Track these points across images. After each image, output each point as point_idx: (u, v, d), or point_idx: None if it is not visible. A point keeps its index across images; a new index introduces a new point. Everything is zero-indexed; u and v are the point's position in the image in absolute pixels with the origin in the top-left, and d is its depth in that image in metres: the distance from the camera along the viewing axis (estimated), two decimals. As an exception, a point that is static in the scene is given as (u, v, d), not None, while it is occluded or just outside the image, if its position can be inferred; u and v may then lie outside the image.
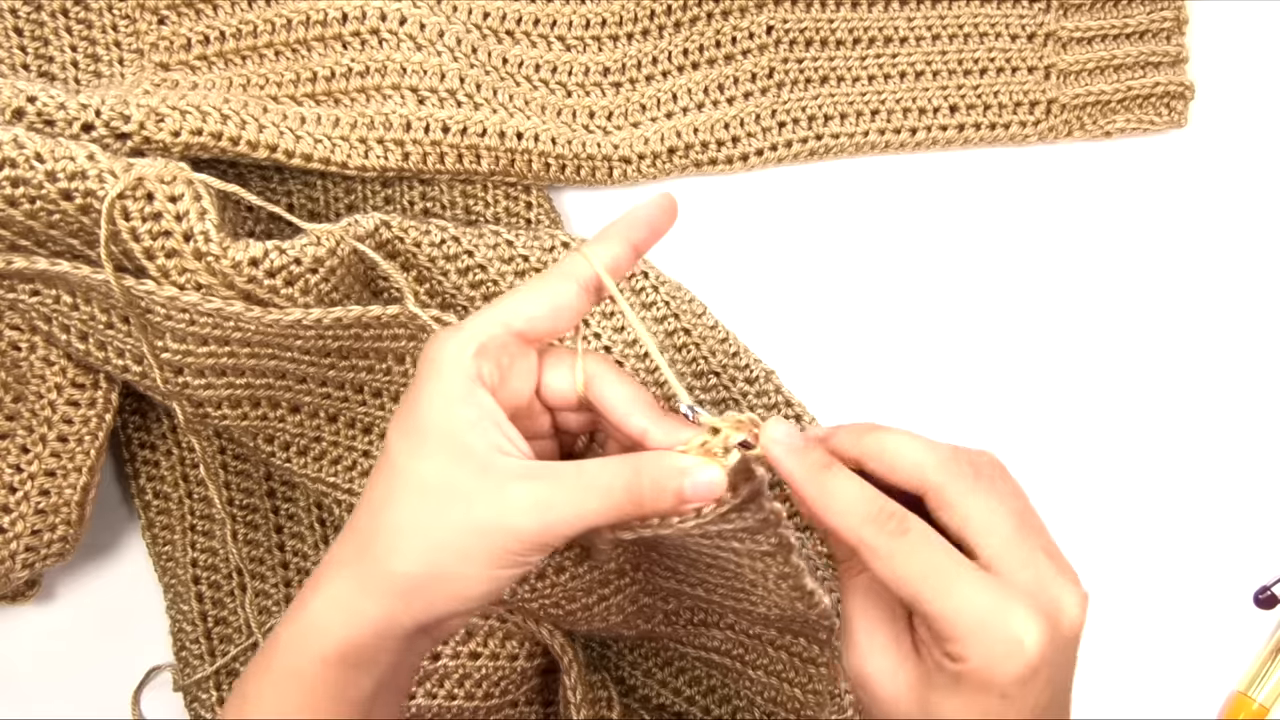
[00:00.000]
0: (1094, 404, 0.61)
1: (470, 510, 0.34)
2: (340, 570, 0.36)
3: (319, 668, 0.35)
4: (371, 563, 0.35)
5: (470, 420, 0.35)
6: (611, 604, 0.50)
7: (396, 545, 0.35)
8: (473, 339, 0.36)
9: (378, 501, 0.36)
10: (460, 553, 0.34)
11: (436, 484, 0.35)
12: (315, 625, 0.35)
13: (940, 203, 0.61)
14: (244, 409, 0.51)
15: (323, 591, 0.36)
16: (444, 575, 0.34)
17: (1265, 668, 0.60)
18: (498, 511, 0.34)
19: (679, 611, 0.54)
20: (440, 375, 0.36)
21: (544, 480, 0.34)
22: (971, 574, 0.33)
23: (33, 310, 0.50)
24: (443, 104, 0.54)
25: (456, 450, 0.35)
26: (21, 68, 0.55)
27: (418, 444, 0.35)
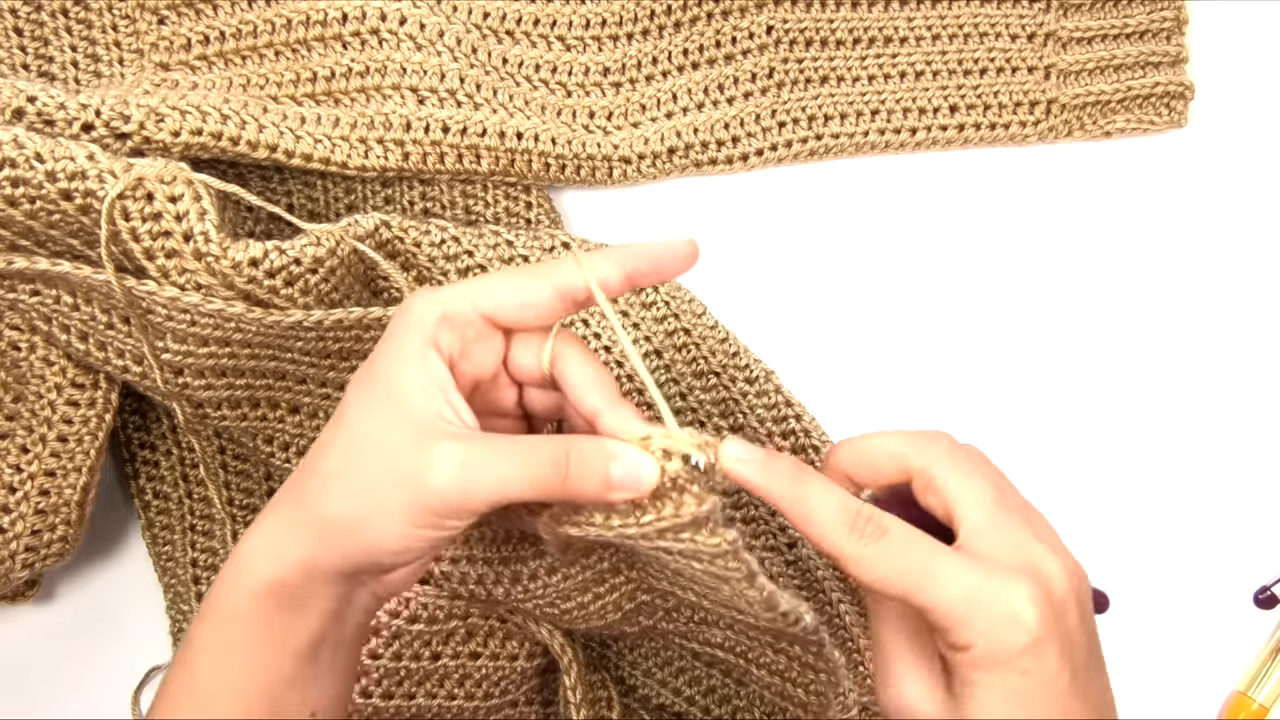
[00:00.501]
0: (1094, 404, 0.61)
1: (395, 463, 0.34)
2: (274, 510, 0.37)
3: (251, 604, 0.35)
4: (299, 503, 0.36)
5: (419, 383, 0.35)
6: (608, 602, 0.50)
7: (324, 488, 0.35)
8: (439, 306, 0.36)
9: (320, 446, 0.37)
10: (378, 502, 0.34)
11: (372, 436, 0.35)
12: (246, 562, 0.36)
13: (940, 203, 0.61)
14: (244, 410, 0.51)
15: (256, 531, 0.37)
16: (361, 521, 0.35)
17: (1265, 668, 0.60)
18: (418, 467, 0.34)
19: (679, 609, 0.54)
20: (401, 334, 0.36)
21: (469, 442, 0.35)
22: (954, 559, 0.34)
23: (33, 310, 0.50)
24: (443, 104, 0.54)
25: (399, 408, 0.35)
26: (21, 68, 0.55)
27: (365, 396, 0.36)
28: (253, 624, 0.36)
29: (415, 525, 0.34)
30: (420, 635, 0.50)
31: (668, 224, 0.60)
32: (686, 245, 0.39)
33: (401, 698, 0.50)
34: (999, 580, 0.33)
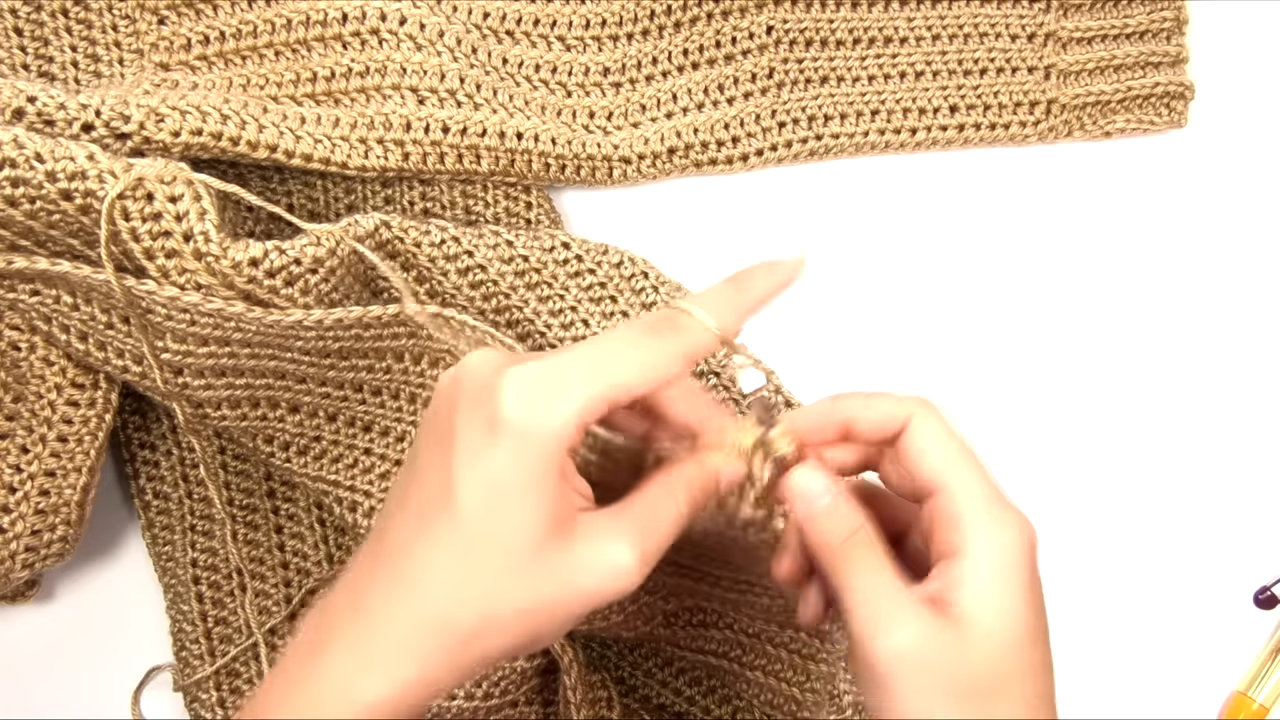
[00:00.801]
0: (1094, 404, 0.61)
1: (568, 580, 0.33)
2: (415, 649, 0.32)
3: None
4: (459, 644, 0.33)
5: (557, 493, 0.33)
6: (613, 602, 0.50)
7: (492, 627, 0.32)
8: (575, 411, 0.33)
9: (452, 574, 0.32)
10: (558, 619, 0.33)
11: (528, 563, 0.32)
12: (386, 707, 0.32)
13: (940, 203, 0.61)
14: (244, 409, 0.51)
15: (390, 671, 0.32)
16: (540, 638, 0.34)
17: (1265, 668, 0.60)
18: (595, 574, 0.33)
19: (679, 612, 0.54)
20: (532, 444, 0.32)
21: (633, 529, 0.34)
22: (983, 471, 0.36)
23: (33, 310, 0.50)
24: (443, 104, 0.54)
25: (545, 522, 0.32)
26: (21, 68, 0.55)
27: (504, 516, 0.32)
28: None
29: (586, 617, 0.35)
30: (420, 635, 0.50)
31: (668, 224, 0.60)
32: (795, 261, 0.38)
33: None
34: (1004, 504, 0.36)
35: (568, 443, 0.33)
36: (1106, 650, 0.60)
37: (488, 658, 0.33)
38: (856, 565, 0.36)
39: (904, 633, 0.34)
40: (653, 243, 0.59)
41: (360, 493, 0.54)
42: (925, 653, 0.34)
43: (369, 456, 0.54)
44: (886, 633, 0.34)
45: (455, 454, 0.33)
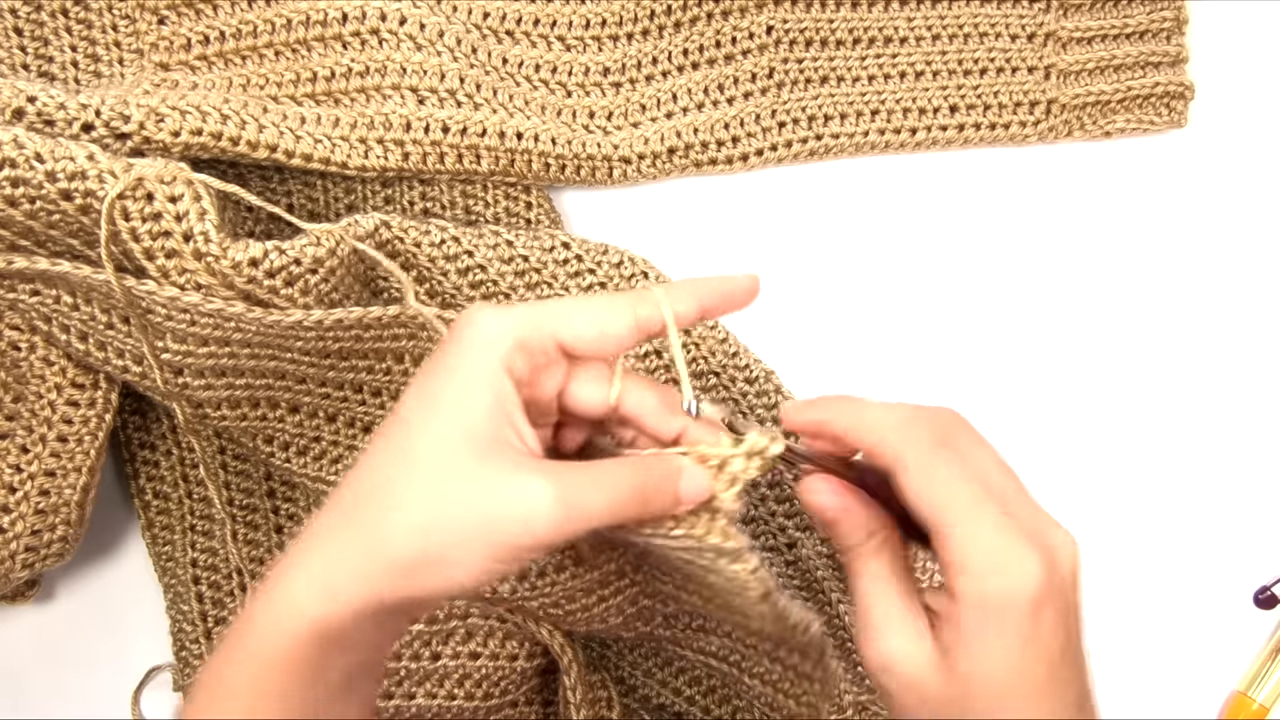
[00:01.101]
0: (1094, 404, 0.61)
1: (479, 496, 0.33)
2: (325, 543, 0.34)
3: (294, 646, 0.33)
4: (361, 538, 0.33)
5: (486, 405, 0.34)
6: (611, 605, 0.50)
7: (393, 522, 0.33)
8: (517, 328, 0.35)
9: (378, 468, 0.34)
10: (463, 540, 0.33)
11: (447, 463, 0.33)
12: (292, 602, 0.33)
13: (940, 203, 0.61)
14: (243, 410, 0.51)
15: (301, 566, 0.34)
16: (441, 560, 0.33)
17: (1265, 668, 0.60)
18: (508, 502, 0.33)
19: (678, 615, 0.54)
20: (470, 353, 0.34)
21: (557, 474, 0.34)
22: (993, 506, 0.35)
23: (33, 310, 0.50)
24: (443, 104, 0.54)
25: (470, 433, 0.33)
26: (21, 68, 0.55)
27: (429, 418, 0.34)
28: (294, 666, 0.33)
29: (497, 562, 0.33)
30: (420, 635, 0.50)
31: (668, 224, 0.60)
32: (751, 281, 0.39)
33: (401, 698, 0.50)
34: (1020, 538, 0.34)
35: (503, 356, 0.34)
36: (1106, 650, 0.60)
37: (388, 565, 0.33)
38: (860, 569, 0.37)
39: (891, 643, 0.35)
40: (653, 243, 0.59)
41: None
42: (907, 668, 0.35)
43: (369, 456, 0.54)
44: (876, 639, 0.36)
45: (417, 374, 0.36)
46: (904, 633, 0.35)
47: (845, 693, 0.57)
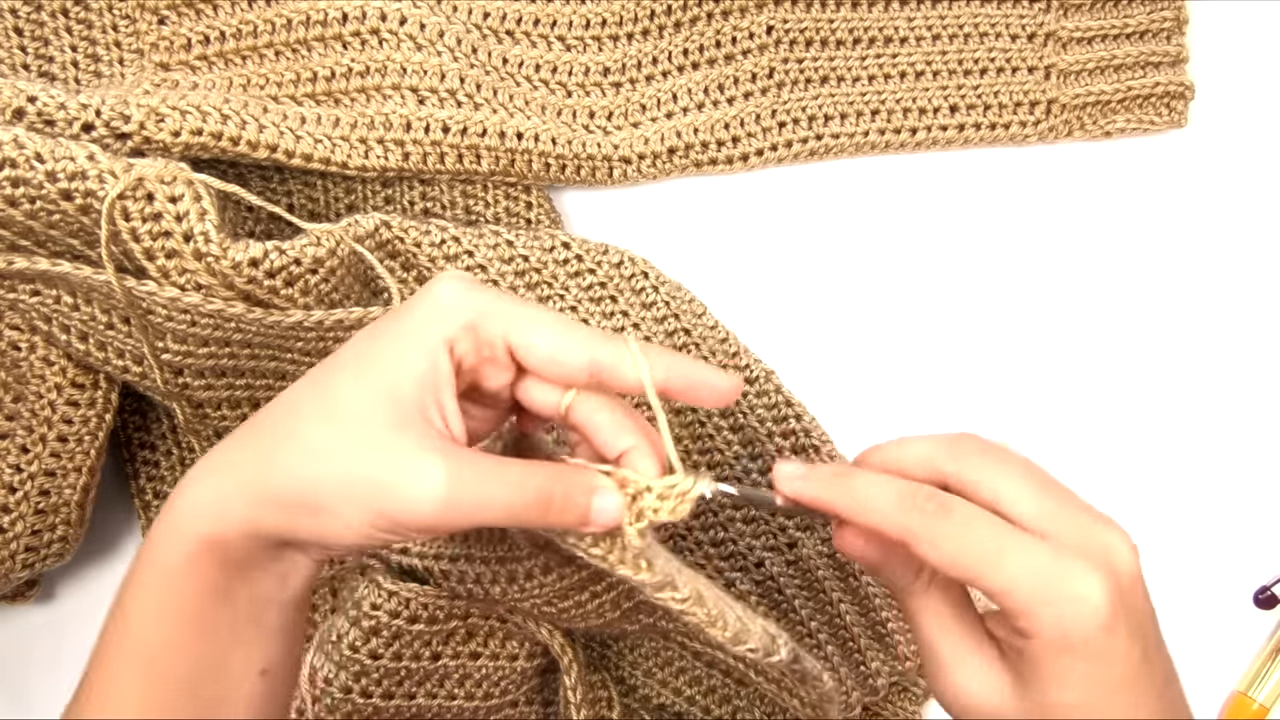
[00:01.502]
0: (1094, 404, 0.61)
1: (375, 459, 0.32)
2: (220, 462, 0.34)
3: (188, 563, 0.34)
4: (252, 461, 0.34)
5: (417, 372, 0.33)
6: (605, 600, 0.50)
7: (287, 456, 0.33)
8: (471, 310, 0.34)
9: (291, 403, 0.34)
10: (342, 495, 0.32)
11: (360, 418, 0.33)
12: (182, 518, 0.34)
13: (940, 203, 0.61)
14: (243, 410, 0.51)
15: (195, 482, 0.34)
16: (318, 508, 0.33)
17: (1265, 668, 0.60)
18: (400, 474, 0.32)
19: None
20: (419, 318, 0.34)
21: (459, 462, 0.32)
22: (1023, 541, 0.33)
23: (33, 310, 0.50)
24: (443, 104, 0.54)
25: (393, 394, 0.33)
26: (21, 68, 0.55)
27: (359, 367, 0.34)
28: (192, 582, 0.34)
29: (377, 529, 0.33)
30: (420, 635, 0.50)
31: (668, 224, 0.60)
32: (730, 382, 0.36)
33: (401, 698, 0.50)
34: (1068, 561, 0.32)
35: (449, 330, 0.33)
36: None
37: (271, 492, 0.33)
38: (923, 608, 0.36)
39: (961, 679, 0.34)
40: (653, 243, 0.59)
41: None
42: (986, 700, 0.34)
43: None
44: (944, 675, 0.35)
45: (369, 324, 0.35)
46: (974, 667, 0.34)
47: (851, 690, 0.57)
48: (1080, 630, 0.32)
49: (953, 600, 0.36)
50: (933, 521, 0.33)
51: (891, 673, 0.57)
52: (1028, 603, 0.32)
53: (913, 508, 0.34)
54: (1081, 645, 0.32)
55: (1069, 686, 0.32)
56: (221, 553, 0.34)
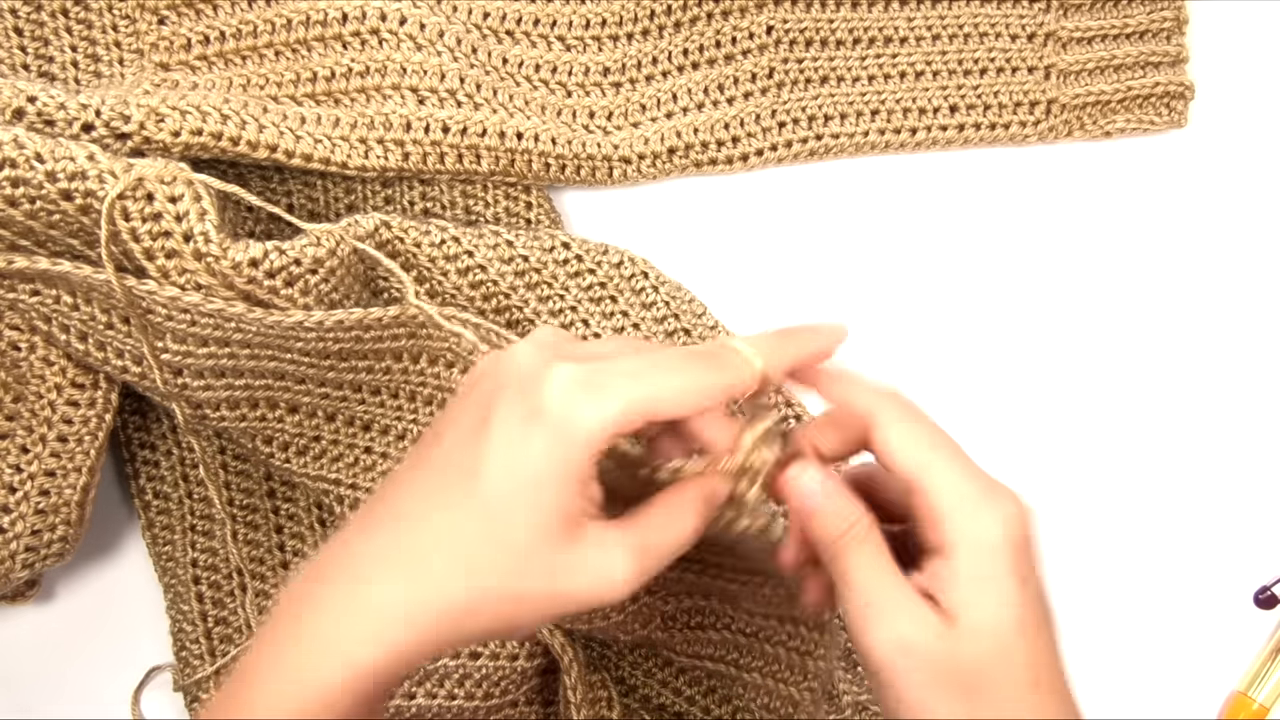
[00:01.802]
0: (1094, 404, 0.61)
1: (566, 579, 0.33)
2: (407, 618, 0.33)
3: (358, 702, 0.32)
4: (449, 618, 0.33)
5: (574, 491, 0.33)
6: (598, 609, 0.50)
7: (482, 608, 0.33)
8: (614, 421, 0.33)
9: (460, 544, 0.33)
10: (544, 614, 0.34)
11: (535, 553, 0.33)
12: (373, 673, 0.32)
13: (940, 203, 0.61)
14: (243, 410, 0.51)
15: (380, 636, 0.32)
16: (519, 629, 0.34)
17: (1265, 668, 0.60)
18: (591, 579, 0.34)
19: (676, 615, 0.54)
20: (568, 440, 0.33)
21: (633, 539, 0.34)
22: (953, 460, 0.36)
23: (33, 310, 0.50)
24: (443, 104, 0.54)
25: (561, 518, 0.33)
26: (21, 68, 0.55)
27: (524, 501, 0.33)
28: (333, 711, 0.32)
29: (562, 619, 0.35)
30: (420, 635, 0.50)
31: (668, 224, 0.60)
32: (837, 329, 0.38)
33: (402, 698, 0.50)
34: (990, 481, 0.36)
35: (600, 446, 0.33)
36: (1107, 650, 0.60)
37: (467, 637, 0.33)
38: (852, 558, 0.37)
39: (896, 624, 0.35)
40: (653, 243, 0.59)
41: (361, 490, 0.54)
42: (916, 644, 0.34)
43: (369, 455, 0.54)
44: (879, 624, 0.35)
45: (490, 435, 0.33)
46: (911, 610, 0.35)
47: (844, 693, 0.57)
48: (1002, 537, 0.34)
49: (883, 553, 0.37)
50: (898, 410, 0.36)
51: (858, 693, 0.57)
52: (964, 506, 0.35)
53: (886, 394, 0.37)
54: (1001, 554, 0.34)
55: (992, 603, 0.34)
56: (392, 685, 0.33)
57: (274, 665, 0.33)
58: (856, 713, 0.58)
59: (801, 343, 0.38)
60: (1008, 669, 0.34)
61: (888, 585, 0.36)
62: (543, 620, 0.34)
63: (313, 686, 0.32)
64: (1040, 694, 0.35)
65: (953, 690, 0.34)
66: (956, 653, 0.34)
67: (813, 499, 0.37)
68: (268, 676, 0.33)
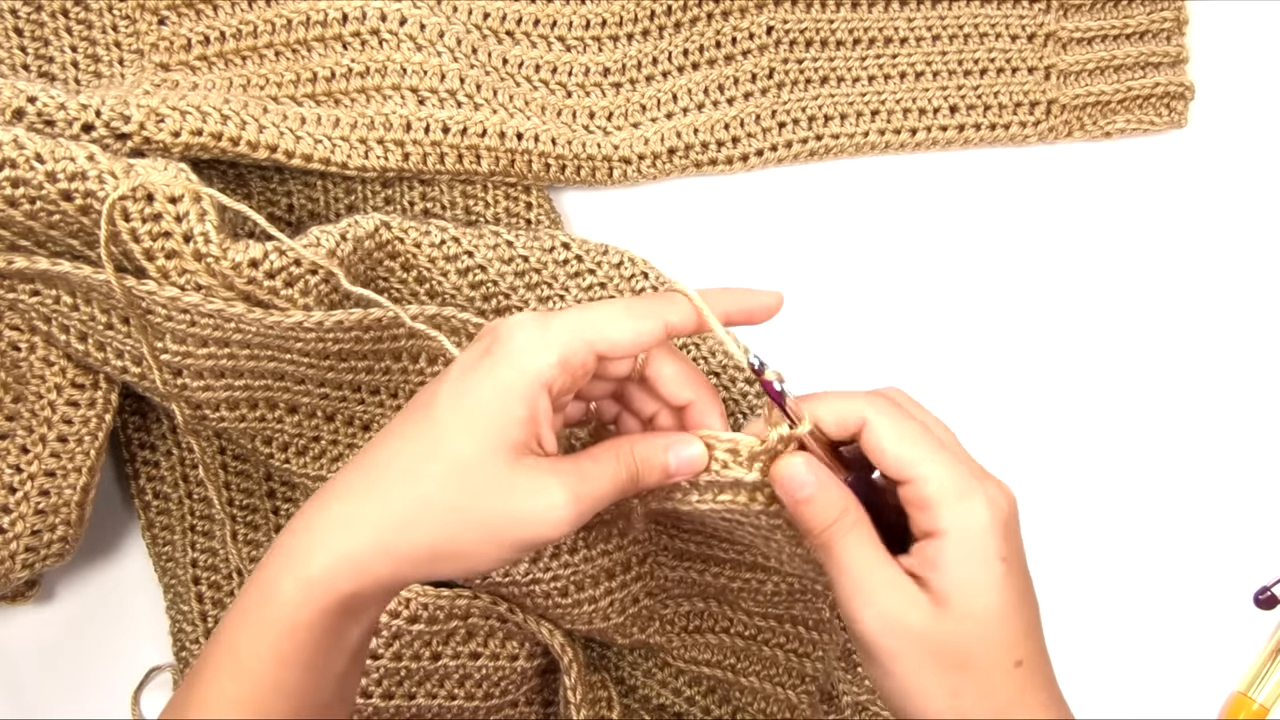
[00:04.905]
0: (1094, 404, 0.61)
1: (506, 502, 0.36)
2: (352, 521, 0.36)
3: (320, 617, 0.35)
4: (392, 520, 0.36)
5: (522, 418, 0.36)
6: (616, 599, 0.50)
7: (423, 517, 0.36)
8: (558, 348, 0.37)
9: (407, 457, 0.37)
10: (485, 539, 0.36)
11: (474, 467, 0.36)
12: (323, 579, 0.35)
13: (940, 203, 0.61)
14: (242, 410, 0.51)
15: (330, 544, 0.36)
16: (459, 555, 0.36)
17: (1265, 668, 0.60)
18: (531, 507, 0.36)
19: (674, 619, 0.54)
20: (512, 366, 0.37)
21: (570, 475, 0.37)
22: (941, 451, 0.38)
23: (33, 310, 0.50)
24: (443, 104, 0.54)
25: (504, 440, 0.36)
26: (21, 68, 0.55)
27: (467, 421, 0.36)
28: (318, 635, 0.35)
29: (514, 552, 0.37)
30: (420, 635, 0.50)
31: (668, 224, 0.60)
32: (774, 297, 0.42)
33: (401, 698, 0.50)
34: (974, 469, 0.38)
35: (544, 375, 0.36)
36: (1106, 650, 0.60)
37: (416, 552, 0.36)
38: (843, 545, 0.38)
39: (888, 605, 0.37)
40: (653, 243, 0.59)
41: None
42: (908, 622, 0.36)
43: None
44: (871, 605, 0.37)
45: (448, 374, 0.38)
46: (901, 590, 0.37)
47: (843, 694, 0.57)
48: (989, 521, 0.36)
49: (873, 539, 0.38)
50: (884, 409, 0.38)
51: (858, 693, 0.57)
52: (951, 493, 0.36)
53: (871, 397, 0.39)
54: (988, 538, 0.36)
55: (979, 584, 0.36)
56: (353, 604, 0.36)
57: (262, 592, 0.36)
58: (856, 713, 0.58)
59: (739, 297, 0.41)
60: (993, 647, 0.36)
61: (878, 569, 0.37)
62: (488, 547, 0.36)
63: (275, 607, 0.35)
64: (1024, 671, 0.36)
65: (942, 667, 0.36)
66: (946, 631, 0.36)
67: (806, 489, 0.39)
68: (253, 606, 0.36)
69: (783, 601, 0.52)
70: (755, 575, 0.50)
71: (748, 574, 0.51)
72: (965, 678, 0.36)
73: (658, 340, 0.39)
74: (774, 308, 0.42)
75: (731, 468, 0.40)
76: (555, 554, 0.48)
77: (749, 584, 0.51)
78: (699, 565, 0.51)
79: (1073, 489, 0.60)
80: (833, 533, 0.38)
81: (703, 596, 0.53)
